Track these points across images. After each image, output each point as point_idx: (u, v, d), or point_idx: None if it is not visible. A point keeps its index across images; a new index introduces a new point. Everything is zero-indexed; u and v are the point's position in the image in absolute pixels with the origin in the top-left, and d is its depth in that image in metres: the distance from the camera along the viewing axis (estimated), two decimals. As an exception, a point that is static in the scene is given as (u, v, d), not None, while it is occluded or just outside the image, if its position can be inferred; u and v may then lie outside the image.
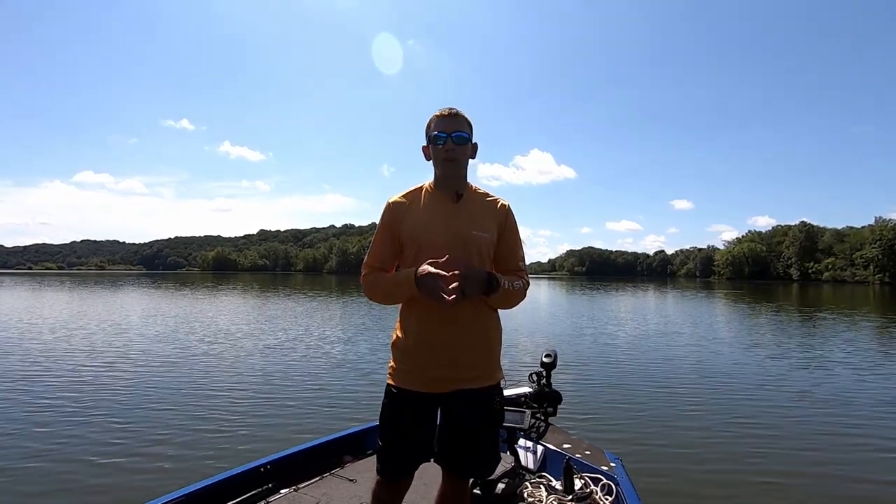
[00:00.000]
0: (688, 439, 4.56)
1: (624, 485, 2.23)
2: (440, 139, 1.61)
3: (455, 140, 1.61)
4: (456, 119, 1.62)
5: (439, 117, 1.62)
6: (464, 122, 1.63)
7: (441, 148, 1.61)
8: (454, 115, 1.62)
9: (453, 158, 1.62)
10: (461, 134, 1.61)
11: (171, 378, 6.67)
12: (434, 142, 1.62)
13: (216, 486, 2.07)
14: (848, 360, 8.69)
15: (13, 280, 50.34)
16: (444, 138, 1.61)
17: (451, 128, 1.61)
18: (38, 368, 7.20)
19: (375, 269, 1.65)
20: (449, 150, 1.61)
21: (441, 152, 1.62)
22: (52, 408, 5.22)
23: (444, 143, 1.61)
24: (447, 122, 1.62)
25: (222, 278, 69.22)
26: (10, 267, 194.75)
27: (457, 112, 1.63)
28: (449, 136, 1.60)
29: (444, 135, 1.60)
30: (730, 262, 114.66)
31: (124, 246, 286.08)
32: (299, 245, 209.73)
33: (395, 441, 1.59)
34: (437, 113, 1.64)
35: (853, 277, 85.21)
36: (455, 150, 1.61)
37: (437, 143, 1.62)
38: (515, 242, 1.72)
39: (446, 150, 1.61)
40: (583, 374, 7.27)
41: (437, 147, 1.62)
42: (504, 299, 1.60)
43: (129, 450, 4.06)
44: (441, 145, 1.61)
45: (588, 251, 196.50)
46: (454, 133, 1.61)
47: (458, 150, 1.62)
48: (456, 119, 1.62)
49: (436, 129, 1.62)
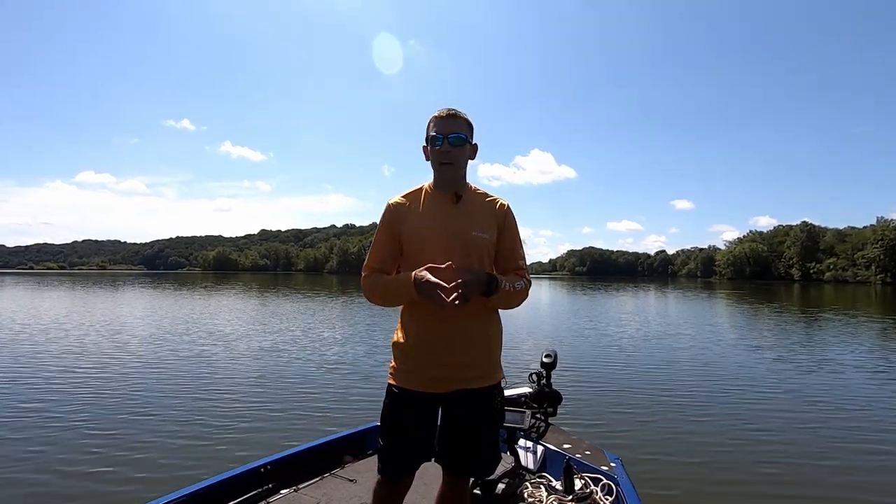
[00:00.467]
0: (688, 439, 4.56)
1: (624, 485, 2.23)
2: (437, 140, 1.59)
3: (452, 142, 1.58)
4: (454, 120, 1.60)
5: (438, 118, 1.60)
6: (462, 123, 1.61)
7: (437, 150, 1.59)
8: (452, 115, 1.60)
9: (449, 161, 1.60)
10: (458, 135, 1.59)
11: (170, 378, 6.66)
12: (431, 143, 1.60)
13: (216, 486, 2.07)
14: (850, 362, 8.67)
15: (14, 280, 50.35)
16: (440, 139, 1.58)
17: (448, 129, 1.58)
18: (29, 370, 7.10)
19: (376, 271, 1.63)
20: (445, 151, 1.58)
21: (437, 154, 1.60)
22: (45, 410, 5.16)
23: (440, 144, 1.58)
24: (445, 123, 1.59)
25: (222, 278, 69.14)
26: (12, 267, 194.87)
27: (455, 113, 1.61)
28: (445, 138, 1.58)
29: (440, 136, 1.58)
30: (731, 262, 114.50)
31: (126, 246, 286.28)
32: (300, 245, 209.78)
33: (395, 441, 1.59)
34: (436, 113, 1.62)
35: (855, 278, 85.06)
36: (451, 153, 1.59)
37: (434, 144, 1.60)
38: (515, 242, 1.71)
39: (442, 151, 1.59)
40: (583, 375, 7.27)
41: (433, 148, 1.60)
42: (504, 300, 1.60)
43: (129, 450, 4.05)
44: (438, 146, 1.59)
45: (589, 251, 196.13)
46: (451, 135, 1.58)
47: (455, 151, 1.59)
48: (454, 120, 1.60)
49: (433, 130, 1.59)
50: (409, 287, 1.49)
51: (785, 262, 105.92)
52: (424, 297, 1.46)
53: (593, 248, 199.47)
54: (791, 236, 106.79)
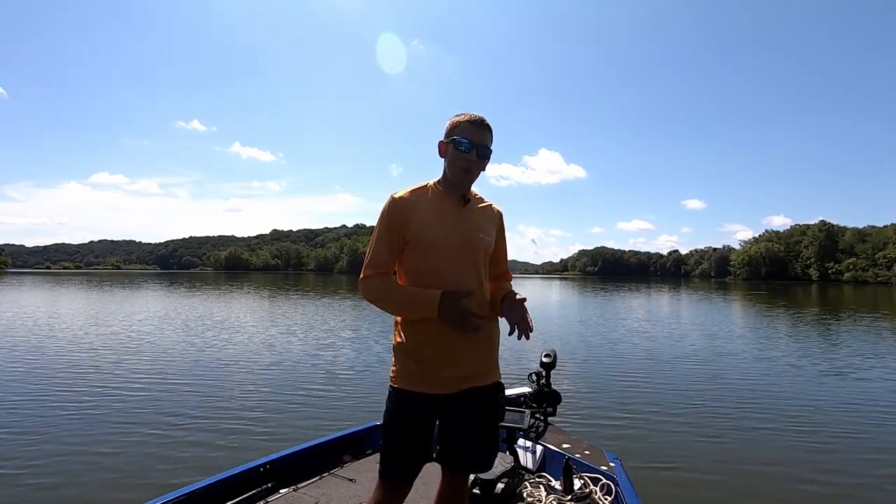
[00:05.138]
0: (687, 439, 4.53)
1: (623, 485, 2.22)
2: (465, 146, 1.55)
3: (480, 153, 1.56)
4: (486, 132, 1.57)
5: (470, 123, 1.56)
6: (490, 136, 1.59)
7: (465, 156, 1.55)
8: (486, 126, 1.57)
9: (473, 170, 1.58)
10: (488, 149, 1.58)
11: (169, 377, 6.68)
12: (457, 146, 1.56)
13: (216, 485, 2.08)
14: (863, 365, 8.49)
15: (31, 280, 51.37)
16: (470, 147, 1.55)
17: (480, 140, 1.56)
18: (34, 366, 7.19)
19: (381, 274, 1.58)
20: (472, 160, 1.56)
21: (463, 160, 1.56)
22: (48, 406, 5.21)
23: (469, 151, 1.55)
24: (478, 132, 1.56)
25: (232, 278, 69.69)
26: (30, 266, 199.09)
27: (487, 123, 1.58)
28: (475, 147, 1.55)
29: (471, 144, 1.55)
30: (746, 262, 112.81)
31: (140, 246, 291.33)
32: (311, 245, 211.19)
33: (401, 445, 1.56)
34: (467, 116, 1.58)
35: (876, 278, 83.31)
36: (477, 163, 1.57)
37: (459, 147, 1.56)
38: (505, 247, 1.79)
39: (469, 159, 1.56)
40: (583, 375, 7.25)
41: (458, 153, 1.56)
42: None
43: (128, 449, 4.06)
44: (464, 152, 1.55)
45: (601, 251, 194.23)
46: (481, 146, 1.56)
47: (480, 162, 1.58)
48: (486, 132, 1.57)
49: (463, 135, 1.55)
50: (431, 307, 1.48)
51: (802, 263, 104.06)
52: (449, 321, 1.47)
53: (605, 247, 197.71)
54: (809, 236, 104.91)
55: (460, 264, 1.56)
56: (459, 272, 1.56)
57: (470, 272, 1.58)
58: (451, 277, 1.54)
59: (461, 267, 1.56)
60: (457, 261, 1.56)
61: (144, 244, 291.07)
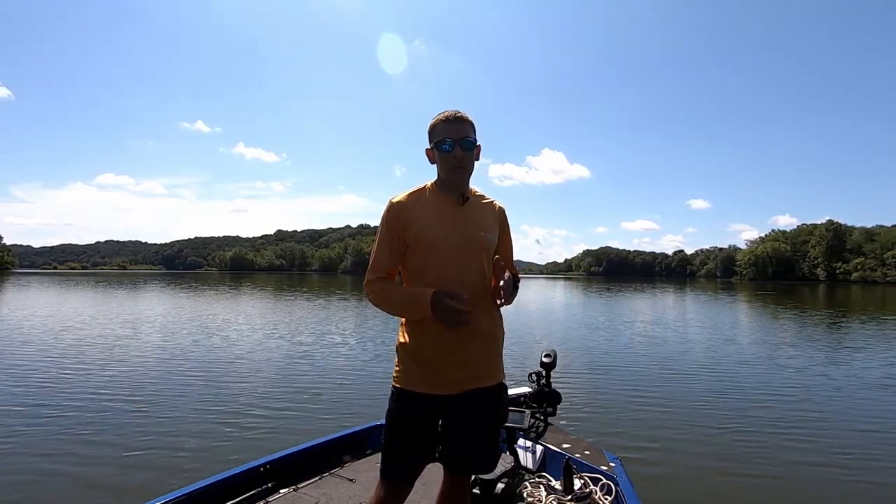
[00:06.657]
0: (688, 440, 4.51)
1: (623, 485, 2.21)
2: (447, 145, 1.54)
3: (463, 147, 1.55)
4: (462, 124, 1.55)
5: (445, 121, 1.55)
6: (469, 126, 1.57)
7: (449, 155, 1.55)
8: (460, 119, 1.56)
9: (463, 166, 1.57)
10: (469, 139, 1.56)
11: (169, 377, 6.69)
12: (440, 147, 1.55)
13: (216, 485, 2.08)
14: (868, 366, 8.42)
15: (38, 280, 51.75)
16: (451, 144, 1.54)
17: (458, 134, 1.54)
18: (36, 367, 7.20)
19: (383, 278, 1.59)
20: (458, 157, 1.55)
21: (450, 159, 1.55)
22: (48, 406, 5.22)
23: (451, 149, 1.55)
24: (453, 127, 1.55)
25: (237, 278, 69.94)
26: (38, 267, 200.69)
27: (462, 115, 1.57)
28: (457, 143, 1.54)
29: (451, 141, 1.54)
30: (753, 262, 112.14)
31: (146, 246, 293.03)
32: (315, 245, 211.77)
33: (404, 446, 1.56)
34: (440, 116, 1.57)
35: (884, 278, 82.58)
36: (464, 157, 1.56)
37: (442, 148, 1.55)
38: (510, 243, 1.76)
39: (455, 157, 1.55)
40: (583, 375, 7.23)
41: (444, 153, 1.56)
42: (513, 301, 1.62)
43: (129, 449, 4.07)
44: (449, 151, 1.55)
45: (605, 251, 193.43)
46: (462, 139, 1.55)
47: (467, 156, 1.57)
48: (462, 124, 1.55)
49: (442, 135, 1.55)
50: (425, 307, 1.47)
51: (809, 262, 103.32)
52: (440, 318, 1.45)
53: (609, 247, 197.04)
54: (816, 235, 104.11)
55: (461, 263, 1.55)
56: (461, 271, 1.54)
57: (471, 271, 1.57)
58: (453, 277, 1.52)
59: (462, 266, 1.55)
60: (458, 260, 1.55)
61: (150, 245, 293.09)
